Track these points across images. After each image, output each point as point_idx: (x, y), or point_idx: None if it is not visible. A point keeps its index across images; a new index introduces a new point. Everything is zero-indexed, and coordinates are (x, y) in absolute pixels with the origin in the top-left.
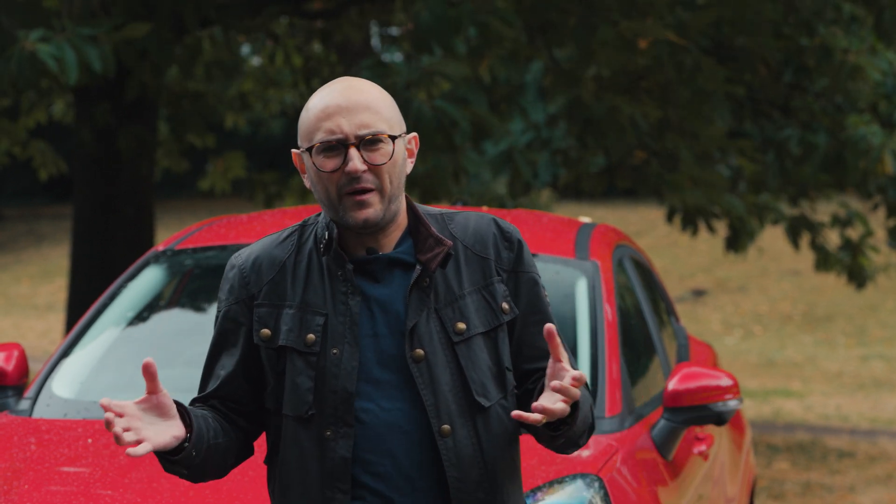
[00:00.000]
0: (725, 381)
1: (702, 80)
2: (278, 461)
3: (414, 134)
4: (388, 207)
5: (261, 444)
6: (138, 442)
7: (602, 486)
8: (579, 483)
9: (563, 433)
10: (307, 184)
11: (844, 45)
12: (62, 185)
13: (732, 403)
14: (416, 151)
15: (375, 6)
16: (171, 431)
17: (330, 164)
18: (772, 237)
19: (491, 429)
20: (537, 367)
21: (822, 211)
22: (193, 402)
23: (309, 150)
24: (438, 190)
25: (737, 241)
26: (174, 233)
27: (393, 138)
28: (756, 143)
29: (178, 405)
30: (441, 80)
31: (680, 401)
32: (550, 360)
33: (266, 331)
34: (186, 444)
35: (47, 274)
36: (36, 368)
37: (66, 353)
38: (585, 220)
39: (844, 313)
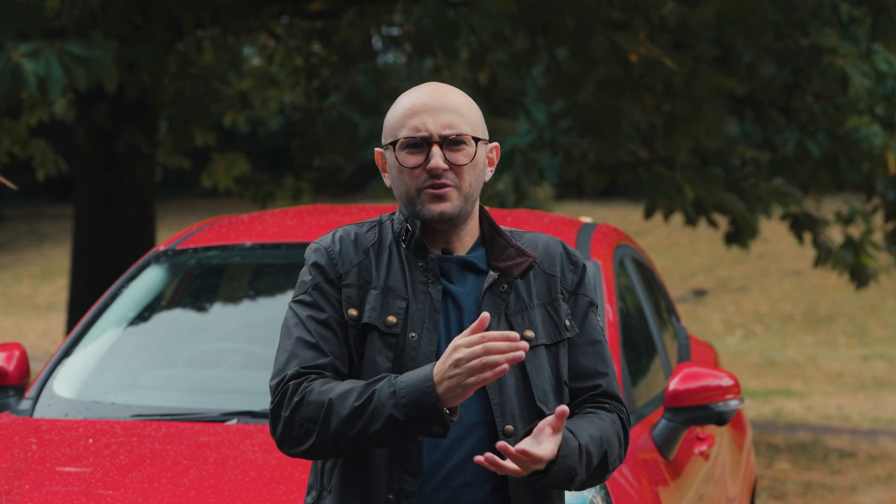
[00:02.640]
0: (726, 381)
1: (699, 86)
2: None
3: (496, 144)
4: (465, 206)
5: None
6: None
7: (603, 486)
8: None
9: (537, 480)
10: (387, 182)
11: (834, 45)
12: (63, 185)
13: (733, 403)
14: (496, 161)
15: (375, 7)
16: None
17: (412, 160)
18: (773, 237)
19: None
20: (580, 387)
21: (825, 209)
22: (306, 370)
23: (393, 145)
24: None
25: (739, 237)
26: (175, 232)
27: (476, 141)
28: (757, 140)
29: None
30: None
31: (681, 401)
32: (547, 421)
33: (353, 311)
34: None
35: (48, 274)
36: (37, 368)
37: (67, 353)
38: (586, 219)
39: (845, 313)
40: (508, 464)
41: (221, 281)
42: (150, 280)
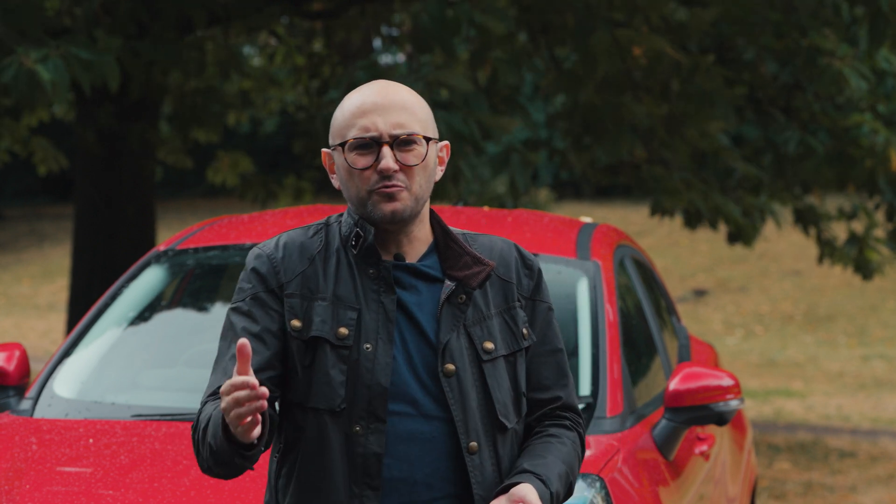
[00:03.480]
0: (727, 381)
1: (700, 81)
2: (297, 456)
3: (446, 142)
4: (416, 206)
5: None
6: (254, 425)
7: (603, 486)
8: (580, 483)
9: None
10: (336, 184)
11: (832, 47)
12: (63, 185)
13: (734, 403)
14: (446, 160)
15: (376, 6)
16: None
17: (362, 161)
18: (774, 237)
19: (508, 450)
20: (540, 398)
21: (828, 206)
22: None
23: (342, 146)
24: (438, 191)
25: (741, 237)
26: (175, 232)
27: (427, 140)
28: (757, 143)
29: None
30: (441, 88)
31: (681, 401)
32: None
33: (297, 322)
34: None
35: (48, 274)
36: (37, 368)
37: (67, 353)
38: (587, 219)
39: (846, 313)
40: None
41: (222, 281)
42: (150, 280)
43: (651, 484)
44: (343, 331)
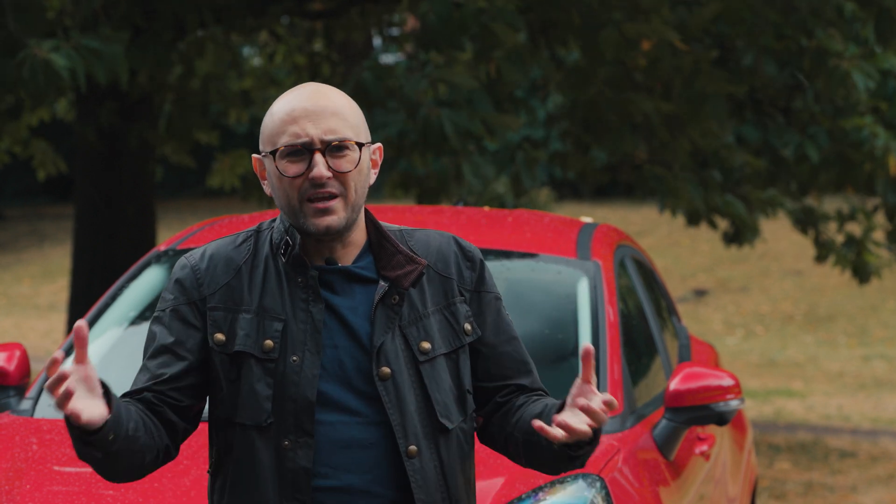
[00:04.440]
0: (727, 381)
1: (701, 83)
2: (228, 472)
3: (379, 144)
4: (351, 215)
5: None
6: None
7: (604, 486)
8: (581, 483)
9: (581, 456)
10: (267, 190)
11: (839, 49)
12: (64, 185)
13: (734, 403)
14: (380, 162)
15: (377, 6)
16: (97, 408)
17: (293, 168)
18: (774, 237)
19: (452, 451)
20: (505, 385)
21: (826, 208)
22: (124, 395)
23: (273, 153)
24: (440, 191)
25: (739, 237)
26: (176, 232)
27: (360, 146)
28: (756, 145)
29: (102, 384)
30: (443, 85)
31: (681, 401)
32: (578, 380)
33: (220, 335)
34: (105, 425)
35: (49, 274)
36: (38, 368)
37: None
38: (587, 219)
39: (846, 313)
40: (584, 427)
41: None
42: (150, 280)
43: (651, 484)
44: (269, 343)
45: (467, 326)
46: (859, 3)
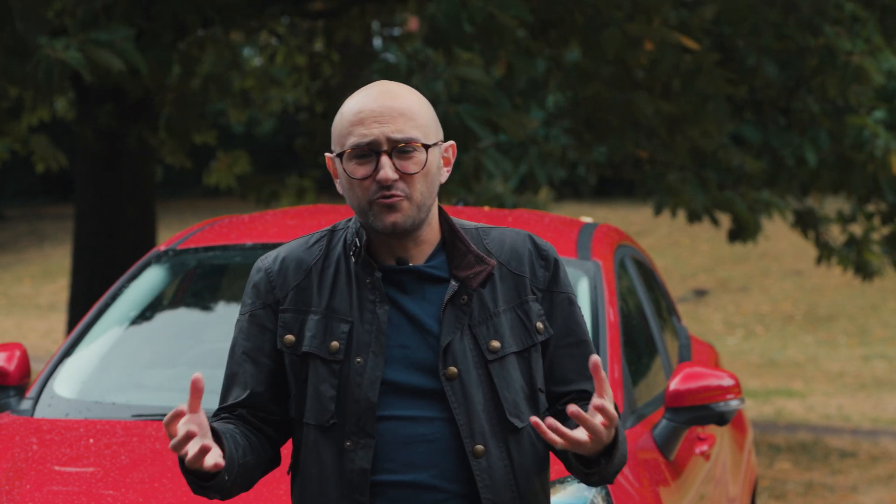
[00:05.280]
0: (727, 381)
1: (701, 83)
2: (300, 471)
3: (451, 142)
4: (418, 214)
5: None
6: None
7: (604, 486)
8: (580, 483)
9: (596, 472)
10: (339, 189)
11: (849, 47)
12: (64, 185)
13: (734, 403)
14: (452, 160)
15: (377, 6)
16: (212, 457)
17: (361, 170)
18: (774, 237)
19: (523, 450)
20: (569, 391)
21: (827, 209)
22: (219, 411)
23: (340, 155)
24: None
25: (742, 234)
26: (176, 232)
27: (427, 147)
28: (756, 146)
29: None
30: (455, 82)
31: (681, 401)
32: (595, 397)
33: (290, 337)
34: (221, 471)
35: (49, 274)
36: (38, 368)
37: (67, 353)
38: (587, 219)
39: (846, 313)
40: (579, 434)
41: (222, 281)
42: (150, 280)
43: (651, 484)
44: (335, 344)
45: (539, 325)
46: (861, 2)
